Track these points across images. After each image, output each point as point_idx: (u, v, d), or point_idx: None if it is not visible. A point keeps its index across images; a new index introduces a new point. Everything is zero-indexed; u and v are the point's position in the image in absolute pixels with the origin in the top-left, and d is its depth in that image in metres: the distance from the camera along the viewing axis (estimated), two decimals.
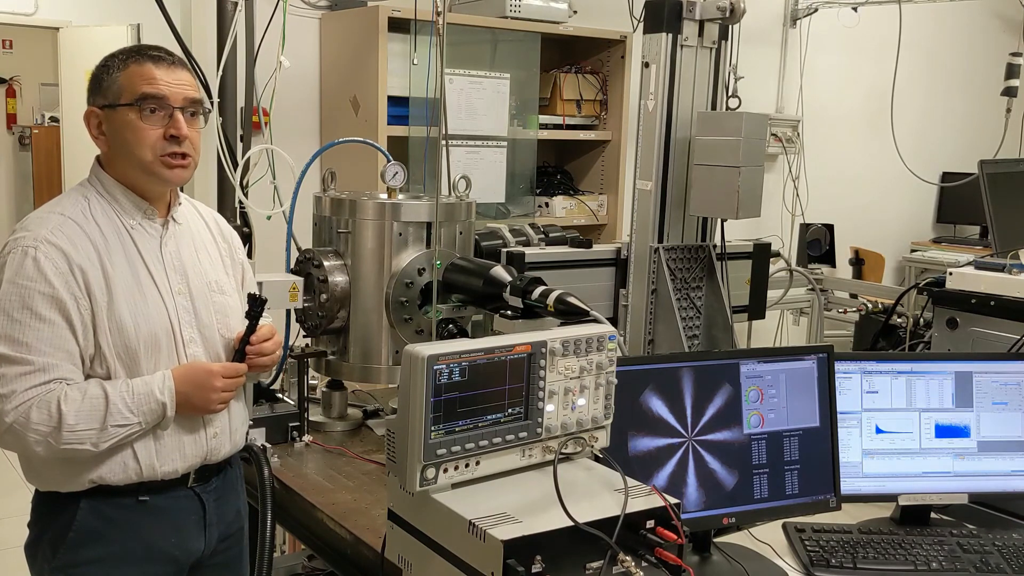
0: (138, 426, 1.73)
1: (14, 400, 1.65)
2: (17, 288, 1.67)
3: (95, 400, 1.68)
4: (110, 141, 1.78)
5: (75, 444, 1.67)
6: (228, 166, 2.64)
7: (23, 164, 10.52)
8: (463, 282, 2.30)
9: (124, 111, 1.75)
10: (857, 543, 1.96)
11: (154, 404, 1.73)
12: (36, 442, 1.66)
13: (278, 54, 2.81)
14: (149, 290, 1.78)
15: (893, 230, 6.35)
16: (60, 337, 1.68)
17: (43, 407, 1.65)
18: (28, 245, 1.69)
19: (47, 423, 1.65)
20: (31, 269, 1.67)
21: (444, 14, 2.16)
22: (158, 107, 1.76)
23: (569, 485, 1.42)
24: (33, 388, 1.65)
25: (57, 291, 1.67)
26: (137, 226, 1.80)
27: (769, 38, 5.44)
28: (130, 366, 1.74)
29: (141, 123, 1.75)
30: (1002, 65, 4.63)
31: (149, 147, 1.76)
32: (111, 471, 1.75)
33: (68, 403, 1.66)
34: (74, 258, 1.69)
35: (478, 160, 3.83)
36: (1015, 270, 2.56)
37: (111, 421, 1.69)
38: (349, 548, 1.94)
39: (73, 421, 1.66)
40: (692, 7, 2.72)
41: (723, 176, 2.65)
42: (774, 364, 1.94)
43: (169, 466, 1.80)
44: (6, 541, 3.97)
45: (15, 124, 10.86)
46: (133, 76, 1.76)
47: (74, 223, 1.74)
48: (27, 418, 1.65)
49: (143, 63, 1.77)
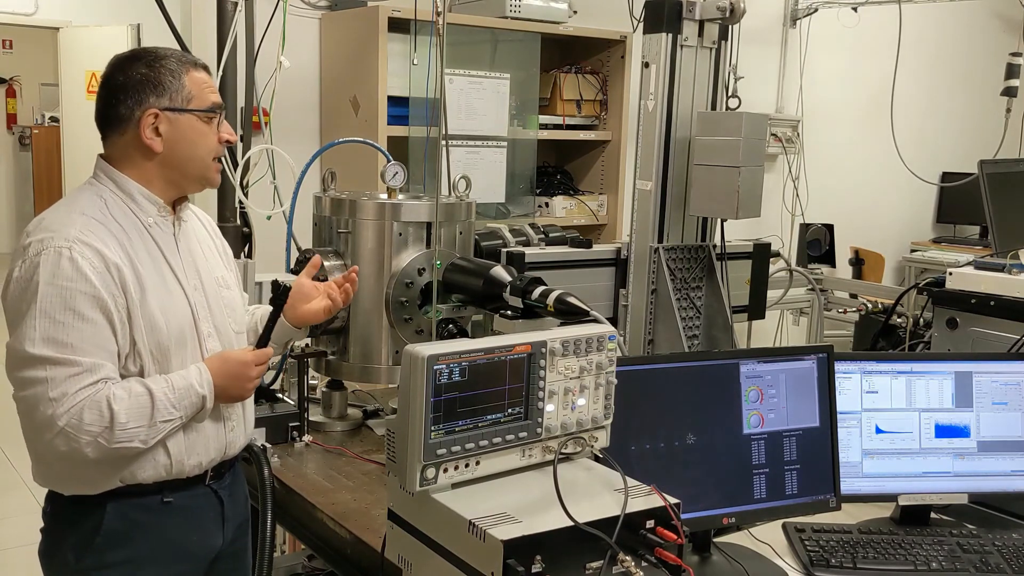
0: (180, 420, 1.75)
1: (66, 403, 1.64)
2: (57, 289, 1.65)
3: (141, 398, 1.70)
4: (168, 143, 1.79)
5: (126, 443, 1.68)
6: (228, 166, 2.64)
7: (23, 164, 10.54)
8: (463, 282, 2.30)
9: (191, 117, 1.79)
10: (857, 543, 1.96)
11: (195, 398, 1.75)
12: (87, 443, 1.66)
13: (278, 54, 2.81)
14: (173, 286, 1.81)
15: (893, 230, 6.35)
16: (103, 336, 1.68)
17: (94, 408, 1.65)
18: (61, 246, 1.67)
19: (99, 423, 1.65)
20: (69, 269, 1.66)
21: (444, 14, 2.16)
22: (217, 115, 1.83)
23: (569, 485, 1.42)
24: (83, 389, 1.65)
25: (98, 290, 1.67)
26: (154, 224, 1.82)
27: (769, 38, 5.44)
28: (161, 362, 1.76)
29: (207, 129, 1.81)
30: (1002, 65, 4.63)
31: (208, 152, 1.82)
32: (142, 468, 1.76)
33: (118, 402, 1.67)
34: (109, 257, 1.70)
35: (478, 160, 3.83)
36: (1015, 270, 2.57)
37: (159, 417, 1.71)
38: (349, 548, 1.94)
39: (124, 419, 1.67)
40: (692, 7, 2.72)
41: (723, 176, 2.65)
42: (774, 364, 1.94)
43: (195, 459, 1.82)
44: (6, 541, 3.99)
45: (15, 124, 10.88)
46: (200, 83, 1.81)
47: (97, 222, 1.74)
48: (80, 419, 1.64)
49: (200, 71, 1.82)
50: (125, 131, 1.78)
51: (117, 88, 1.78)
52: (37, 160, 10.05)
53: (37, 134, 10.12)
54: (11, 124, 10.87)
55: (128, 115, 1.77)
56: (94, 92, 1.87)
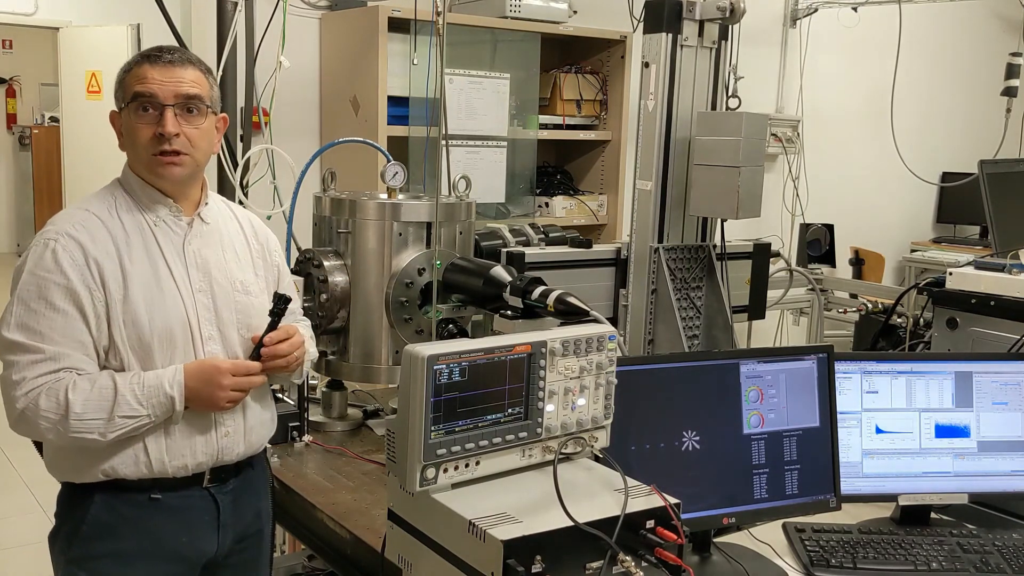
0: (147, 418, 1.74)
1: (24, 387, 1.69)
2: (35, 278, 1.72)
3: (104, 390, 1.71)
4: (124, 141, 1.84)
5: (83, 433, 1.70)
6: (228, 166, 2.64)
7: (23, 164, 10.53)
8: (463, 282, 2.30)
9: (127, 112, 1.81)
10: (857, 543, 1.96)
11: (163, 397, 1.75)
12: (47, 429, 1.71)
13: (278, 54, 2.81)
14: (167, 285, 1.80)
15: (893, 230, 6.35)
16: (73, 328, 1.72)
17: (51, 395, 1.69)
18: (49, 238, 1.74)
19: (55, 411, 1.69)
20: (49, 261, 1.72)
21: (444, 14, 2.17)
22: (150, 106, 1.78)
23: (569, 485, 1.42)
24: (43, 376, 1.70)
25: (72, 282, 1.71)
26: (160, 223, 1.84)
27: (769, 38, 5.44)
28: (144, 359, 1.77)
29: (136, 123, 1.79)
30: (1002, 65, 4.64)
31: (143, 146, 1.79)
32: (123, 463, 1.77)
33: (76, 392, 1.69)
34: (90, 251, 1.74)
35: (478, 160, 3.83)
36: (1015, 270, 2.56)
37: (118, 412, 1.71)
38: (349, 548, 1.94)
39: (80, 410, 1.69)
40: (692, 7, 2.72)
41: (723, 176, 2.65)
42: (774, 364, 1.94)
43: (179, 462, 1.81)
44: (6, 541, 3.99)
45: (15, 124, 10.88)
46: (133, 77, 1.81)
47: (98, 219, 1.79)
48: (36, 405, 1.69)
49: (142, 64, 1.81)
50: None
51: None
52: (37, 160, 10.04)
53: (37, 134, 10.12)
54: (11, 124, 10.87)
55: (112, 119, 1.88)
56: (94, 92, 1.91)
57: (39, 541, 1.92)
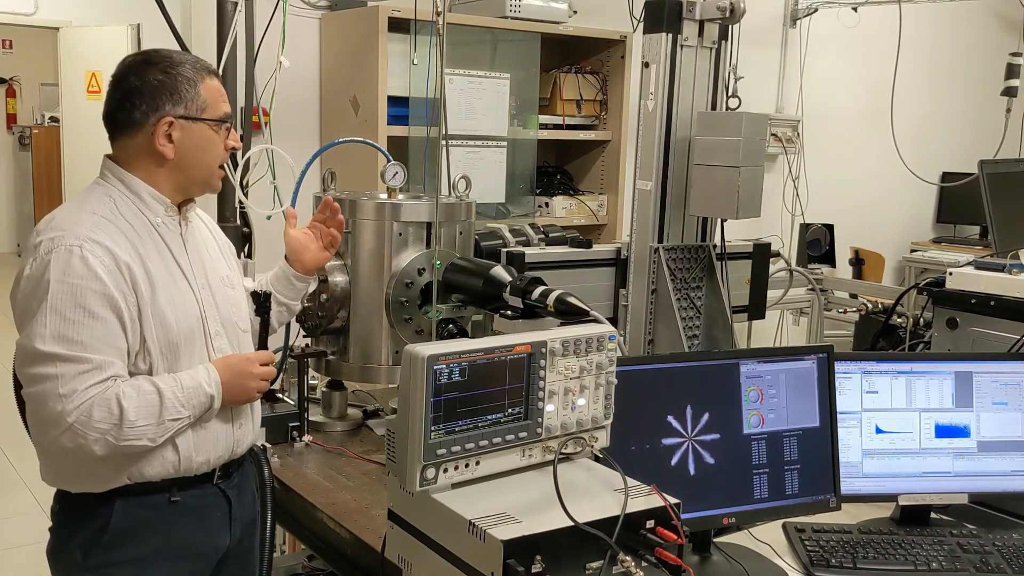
0: (188, 419, 1.76)
1: (76, 399, 1.65)
2: (68, 287, 1.66)
3: (150, 396, 1.71)
4: (179, 150, 1.80)
5: (134, 440, 1.70)
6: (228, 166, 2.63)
7: (23, 164, 10.54)
8: (463, 282, 2.30)
9: (204, 125, 1.81)
10: (857, 543, 1.96)
11: (203, 397, 1.77)
12: (96, 440, 1.67)
13: (278, 54, 2.81)
14: (182, 284, 1.82)
15: (893, 230, 6.35)
16: (113, 334, 1.69)
17: (103, 405, 1.66)
18: (72, 244, 1.68)
19: (108, 420, 1.67)
20: (80, 267, 1.67)
21: (444, 14, 2.17)
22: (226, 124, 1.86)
23: (569, 485, 1.42)
24: (93, 386, 1.66)
25: (108, 288, 1.68)
26: (162, 223, 1.83)
27: (769, 38, 5.44)
28: (171, 360, 1.77)
29: (217, 138, 1.84)
30: (1002, 65, 4.64)
31: (218, 160, 1.86)
32: (150, 465, 1.77)
33: (127, 399, 1.68)
34: (120, 255, 1.71)
35: (478, 160, 3.83)
36: (1015, 270, 2.56)
37: (167, 415, 1.72)
38: (349, 548, 1.94)
39: (134, 417, 1.68)
40: (692, 7, 2.71)
41: (723, 176, 2.65)
42: (774, 364, 1.94)
43: (203, 456, 1.83)
44: (6, 541, 3.98)
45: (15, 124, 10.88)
46: (214, 93, 1.83)
47: (108, 221, 1.75)
48: (89, 416, 1.65)
49: (213, 79, 1.84)
50: (136, 135, 1.79)
51: (132, 92, 1.78)
52: (37, 160, 10.04)
53: (37, 134, 10.12)
54: (11, 124, 10.87)
55: (142, 120, 1.78)
56: (94, 92, 1.89)
57: (39, 541, 1.91)
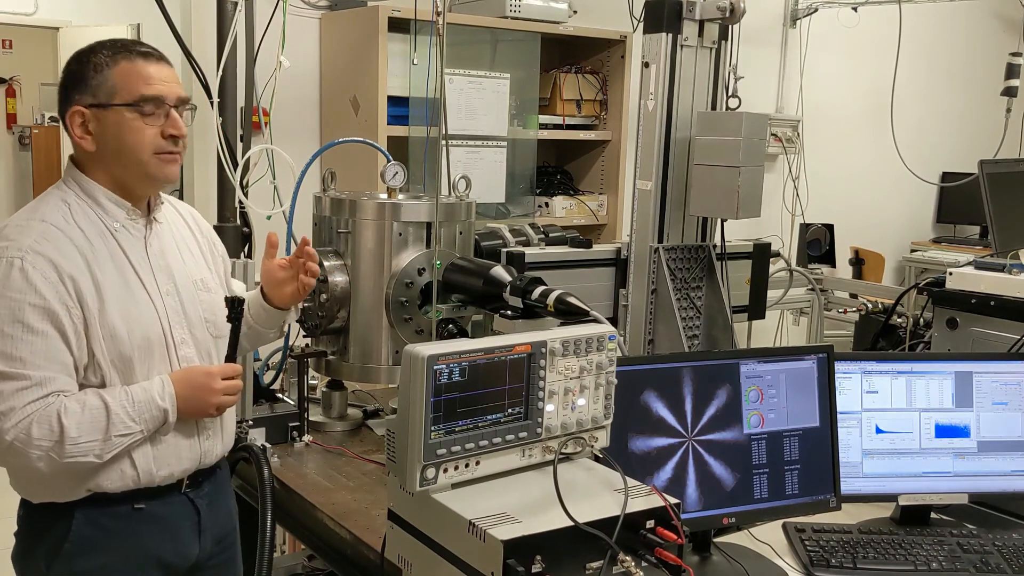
0: (140, 434, 1.70)
1: (13, 417, 1.60)
2: (7, 301, 1.61)
3: (95, 411, 1.65)
4: (99, 141, 1.72)
5: (78, 457, 1.64)
6: (228, 166, 2.64)
7: (23, 164, 10.51)
8: (463, 282, 2.30)
9: (119, 111, 1.70)
10: (857, 543, 1.96)
11: (156, 411, 1.71)
12: (39, 458, 1.62)
13: (278, 54, 2.80)
14: (139, 293, 1.74)
15: (893, 230, 6.35)
16: (54, 349, 1.63)
17: (44, 422, 1.61)
18: (13, 256, 1.62)
19: (49, 438, 1.61)
20: (19, 281, 1.61)
21: (444, 14, 2.16)
22: (156, 107, 1.72)
23: (569, 485, 1.42)
24: (32, 403, 1.61)
25: (48, 302, 1.62)
26: (121, 228, 1.76)
27: (769, 38, 5.44)
28: (125, 372, 1.71)
29: (141, 124, 1.71)
30: (1002, 65, 4.64)
31: (143, 147, 1.71)
32: (109, 479, 1.73)
33: (69, 416, 1.62)
34: (63, 267, 1.64)
35: (478, 160, 3.83)
36: (1015, 270, 2.56)
37: (114, 431, 1.66)
38: (349, 548, 1.94)
39: (76, 434, 1.62)
40: (692, 7, 2.71)
41: (723, 176, 2.65)
42: (774, 364, 1.94)
43: (166, 471, 1.78)
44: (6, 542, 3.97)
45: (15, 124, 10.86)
46: (128, 75, 1.71)
47: (57, 230, 1.68)
48: (28, 434, 1.61)
49: (134, 60, 1.72)
50: (68, 131, 1.74)
51: (59, 86, 1.74)
52: (37, 160, 10.03)
53: (37, 134, 10.10)
54: (11, 124, 10.85)
55: (63, 114, 1.74)
56: None
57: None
